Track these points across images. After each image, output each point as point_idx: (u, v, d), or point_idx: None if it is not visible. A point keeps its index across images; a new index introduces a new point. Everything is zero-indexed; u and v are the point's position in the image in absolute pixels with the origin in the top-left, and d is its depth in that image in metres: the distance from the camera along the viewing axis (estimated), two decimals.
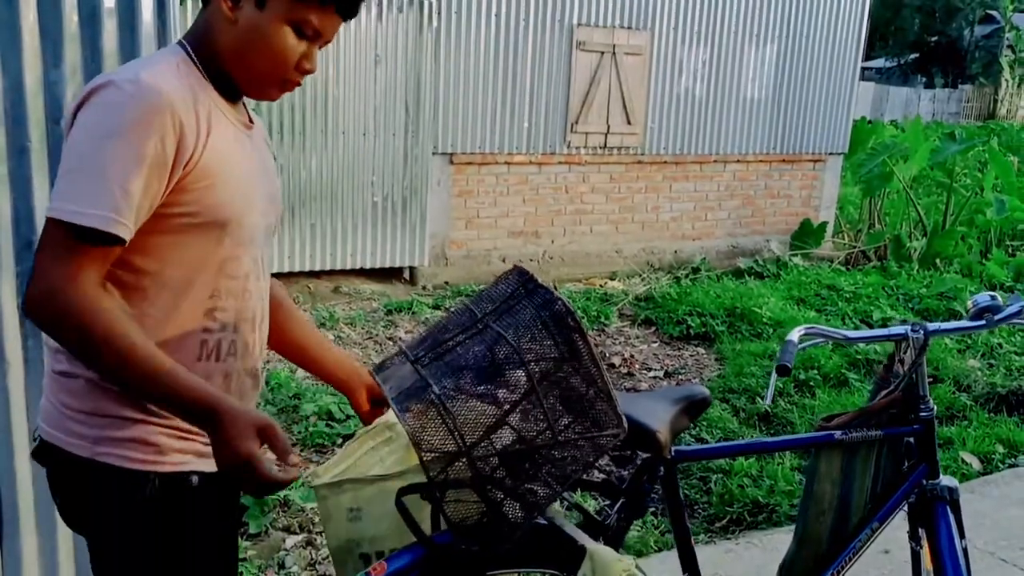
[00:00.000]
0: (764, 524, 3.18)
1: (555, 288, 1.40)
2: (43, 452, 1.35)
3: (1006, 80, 34.63)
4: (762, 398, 4.38)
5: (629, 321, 5.97)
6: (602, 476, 3.15)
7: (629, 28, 6.98)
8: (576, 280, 7.07)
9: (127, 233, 1.20)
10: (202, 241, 1.30)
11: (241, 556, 2.68)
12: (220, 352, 1.35)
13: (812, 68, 7.89)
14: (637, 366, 5.06)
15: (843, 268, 7.69)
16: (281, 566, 2.82)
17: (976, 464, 3.75)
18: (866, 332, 2.07)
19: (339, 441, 3.74)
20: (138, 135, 1.19)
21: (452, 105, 6.46)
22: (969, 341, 5.51)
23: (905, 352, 1.86)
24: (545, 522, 1.48)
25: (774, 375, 1.75)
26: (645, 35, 7.06)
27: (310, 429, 3.81)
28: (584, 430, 1.36)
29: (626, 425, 1.38)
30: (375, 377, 1.45)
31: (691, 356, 5.30)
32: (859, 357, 4.91)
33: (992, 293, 1.90)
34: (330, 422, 3.89)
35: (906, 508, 1.94)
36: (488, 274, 6.77)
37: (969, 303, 1.92)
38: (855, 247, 8.31)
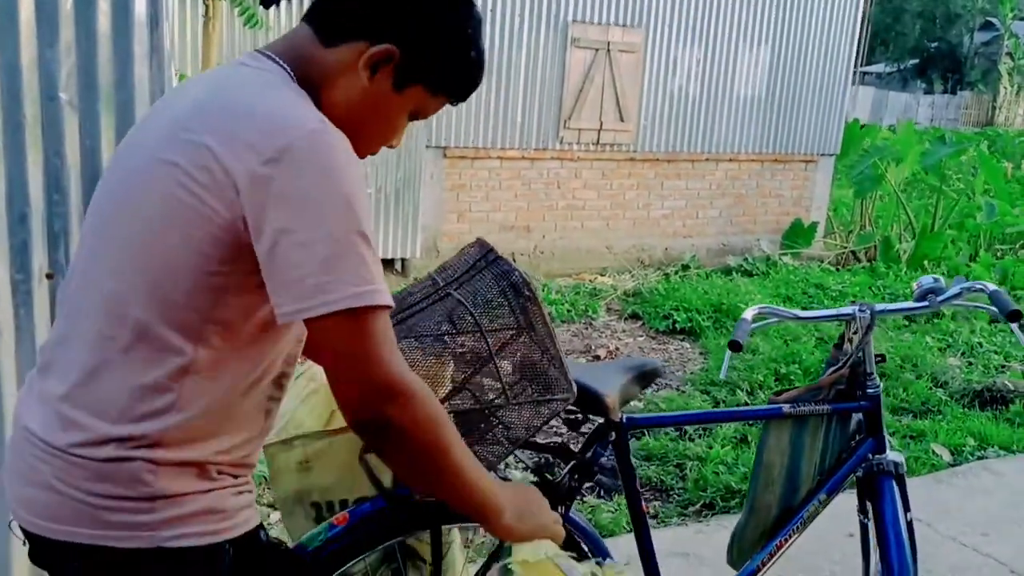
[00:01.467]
0: (736, 508, 3.26)
1: (544, 283, 1.49)
2: (57, 554, 1.14)
3: (1004, 87, 34.73)
4: (732, 381, 4.52)
5: (616, 315, 6.06)
6: (558, 440, 3.24)
7: (624, 26, 7.06)
8: (566, 275, 7.15)
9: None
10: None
11: None
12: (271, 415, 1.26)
13: (805, 69, 7.97)
14: (622, 358, 5.14)
15: (832, 268, 7.78)
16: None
17: (947, 456, 3.84)
18: (816, 312, 2.13)
19: None
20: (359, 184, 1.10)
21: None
22: (950, 339, 5.60)
23: (854, 332, 1.92)
24: None
25: (728, 351, 1.84)
26: (640, 33, 7.14)
27: None
28: (536, 393, 1.43)
29: (575, 389, 1.44)
30: None
31: (676, 349, 5.38)
32: None
33: (936, 276, 1.97)
34: None
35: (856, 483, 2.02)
36: None
37: (914, 285, 1.99)
38: (845, 248, 8.40)
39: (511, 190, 6.99)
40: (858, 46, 8.52)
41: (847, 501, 2.12)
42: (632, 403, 4.25)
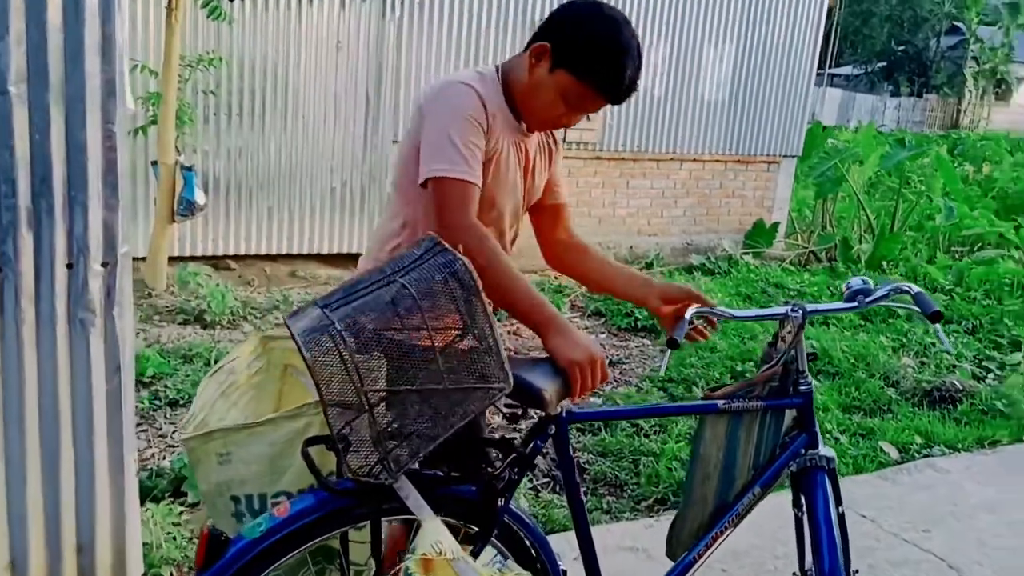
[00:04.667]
0: None
1: None
2: None
3: (969, 91, 35.32)
4: (689, 378, 4.59)
5: (580, 312, 6.11)
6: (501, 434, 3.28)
7: None
8: (531, 272, 7.18)
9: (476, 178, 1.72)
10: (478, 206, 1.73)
11: (175, 522, 2.77)
12: None
13: (769, 71, 8.07)
14: None
15: (793, 268, 7.89)
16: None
17: (894, 454, 3.93)
18: (751, 312, 2.23)
19: None
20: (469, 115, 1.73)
21: (413, 94, 6.54)
22: (904, 340, 5.72)
23: (788, 331, 1.97)
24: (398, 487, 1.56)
25: (668, 349, 1.89)
26: None
27: None
28: (473, 381, 1.47)
29: (511, 381, 1.48)
30: (286, 322, 1.53)
31: (636, 347, 5.44)
32: None
33: (864, 278, 2.03)
34: None
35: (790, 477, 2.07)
36: None
37: (844, 287, 2.05)
38: (806, 248, 8.53)
39: None
40: (822, 49, 8.63)
41: (785, 498, 2.18)
42: (591, 399, 4.31)
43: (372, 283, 1.50)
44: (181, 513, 2.85)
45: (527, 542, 1.78)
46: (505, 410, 1.68)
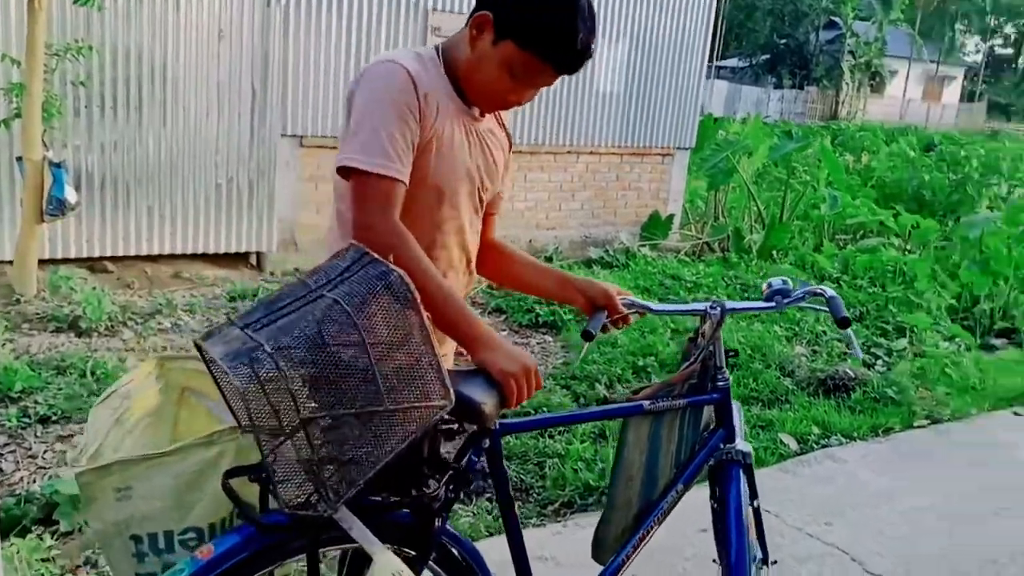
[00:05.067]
0: (594, 506, 3.27)
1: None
2: None
3: (847, 83, 36.96)
4: (591, 375, 4.59)
5: (481, 309, 6.00)
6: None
7: None
8: None
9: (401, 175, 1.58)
10: (426, 199, 1.67)
11: (44, 557, 2.52)
12: None
13: (661, 65, 8.14)
14: None
15: (688, 259, 8.01)
16: (93, 565, 2.68)
17: (793, 445, 3.99)
18: (672, 306, 2.20)
19: None
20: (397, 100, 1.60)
21: (302, 86, 6.29)
22: (797, 328, 5.85)
23: (707, 326, 1.99)
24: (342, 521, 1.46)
25: (584, 342, 1.91)
26: None
27: None
28: (414, 400, 1.38)
29: (453, 397, 1.41)
30: (198, 345, 1.38)
31: (538, 344, 5.38)
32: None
33: (784, 278, 2.06)
34: None
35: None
36: None
37: (764, 286, 2.08)
38: (700, 239, 8.67)
39: None
40: (713, 41, 8.77)
41: (699, 497, 2.16)
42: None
43: (296, 299, 1.38)
44: (51, 547, 2.61)
45: (460, 557, 1.72)
46: (442, 426, 1.56)
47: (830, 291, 1.98)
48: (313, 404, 1.32)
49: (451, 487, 1.59)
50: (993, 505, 3.58)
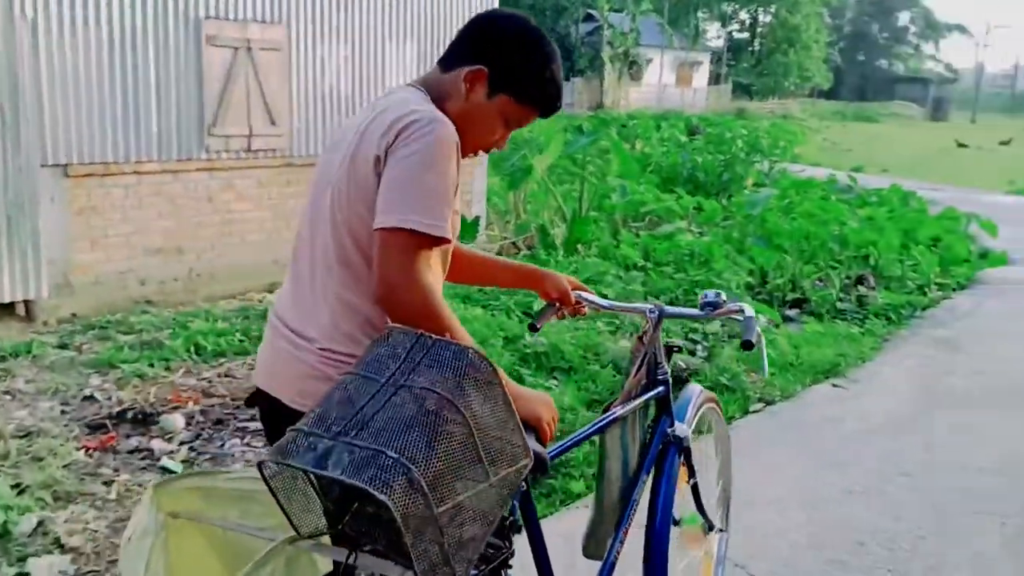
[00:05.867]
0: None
1: (206, 309, 1.17)
2: None
3: (608, 73, 38.84)
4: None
5: None
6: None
7: (263, 22, 6.52)
8: (231, 296, 6.50)
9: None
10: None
11: None
12: None
13: None
14: None
15: None
16: None
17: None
18: (617, 303, 2.41)
19: None
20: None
21: (62, 108, 5.56)
22: (618, 322, 5.90)
23: (647, 326, 2.19)
24: None
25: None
26: (281, 29, 6.65)
27: None
28: (507, 465, 1.42)
29: (532, 454, 1.46)
30: (288, 464, 1.34)
31: None
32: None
33: (718, 292, 2.23)
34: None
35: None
36: (125, 300, 5.97)
37: (700, 297, 2.23)
38: (507, 238, 8.64)
39: (154, 208, 6.16)
40: None
41: None
42: None
43: (372, 395, 1.38)
44: None
45: None
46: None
47: (749, 311, 2.14)
48: (439, 496, 1.32)
49: (510, 540, 1.64)
50: (841, 486, 3.73)
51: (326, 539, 1.51)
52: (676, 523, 2.28)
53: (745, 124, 24.01)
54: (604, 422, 2.05)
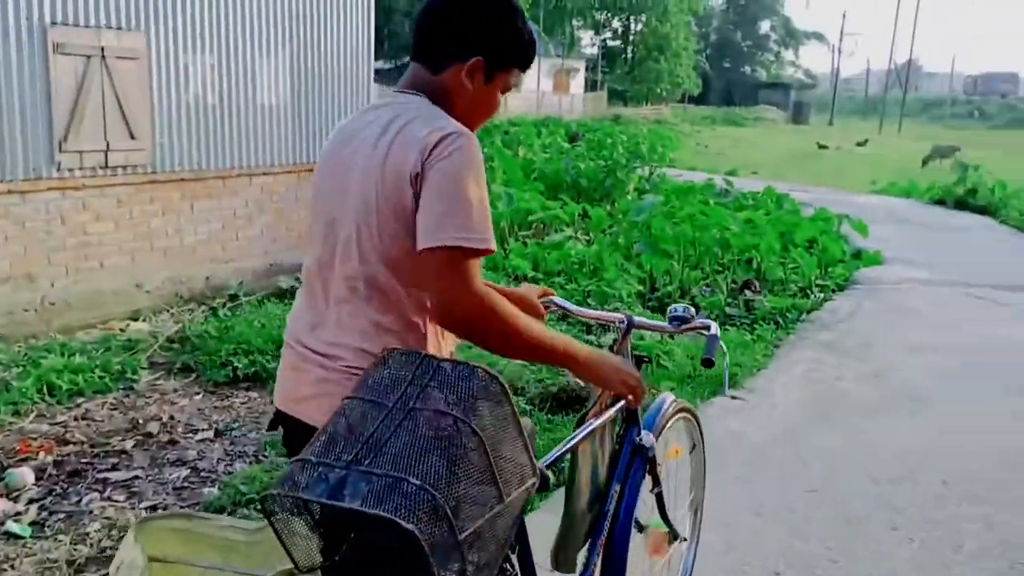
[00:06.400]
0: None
1: (62, 341, 0.99)
2: None
3: None
4: None
5: (164, 371, 5.13)
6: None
7: (119, 29, 6.01)
8: (90, 326, 5.95)
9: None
10: None
11: None
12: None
13: (328, 73, 7.65)
14: (180, 428, 4.31)
15: None
16: None
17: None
18: (588, 311, 2.42)
19: None
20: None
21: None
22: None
23: (616, 336, 2.23)
24: None
25: None
26: (140, 37, 6.15)
27: None
28: (518, 485, 1.40)
29: (538, 471, 1.48)
30: (301, 497, 1.29)
31: (243, 404, 4.68)
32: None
33: (687, 306, 2.26)
34: None
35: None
36: None
37: (669, 311, 2.27)
38: None
39: (0, 232, 5.58)
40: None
41: None
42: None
43: (381, 421, 1.34)
44: None
45: None
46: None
47: (715, 329, 2.18)
48: (461, 522, 1.29)
49: (511, 560, 1.64)
50: (748, 505, 3.64)
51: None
52: (641, 529, 2.34)
53: (623, 129, 24.46)
54: (585, 432, 2.03)
